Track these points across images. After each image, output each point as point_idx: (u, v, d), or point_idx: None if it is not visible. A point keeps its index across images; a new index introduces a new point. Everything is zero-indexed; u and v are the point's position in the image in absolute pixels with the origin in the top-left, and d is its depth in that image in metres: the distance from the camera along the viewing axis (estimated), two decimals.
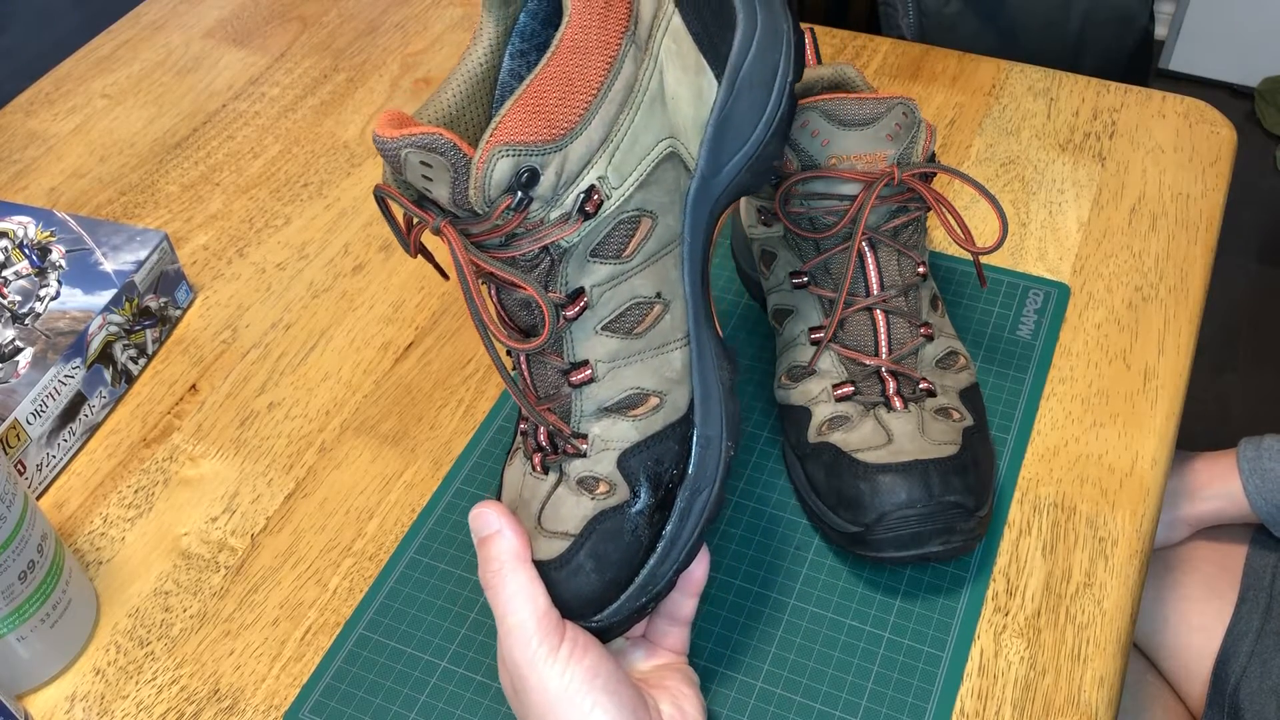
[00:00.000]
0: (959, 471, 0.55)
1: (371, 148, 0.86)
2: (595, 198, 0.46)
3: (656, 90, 0.48)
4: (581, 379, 0.48)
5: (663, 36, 0.48)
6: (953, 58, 0.90)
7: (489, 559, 0.48)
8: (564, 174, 0.45)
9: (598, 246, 0.47)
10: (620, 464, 0.49)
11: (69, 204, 0.83)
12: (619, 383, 0.49)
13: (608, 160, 0.46)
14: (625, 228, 0.47)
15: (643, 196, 0.48)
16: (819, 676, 0.55)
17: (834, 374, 0.59)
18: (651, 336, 0.49)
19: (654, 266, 0.49)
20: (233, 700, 0.57)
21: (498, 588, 0.47)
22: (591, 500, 0.49)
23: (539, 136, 0.44)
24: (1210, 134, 0.82)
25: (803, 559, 0.60)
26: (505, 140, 0.43)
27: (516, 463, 0.52)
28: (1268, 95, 2.12)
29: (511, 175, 0.44)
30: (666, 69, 0.48)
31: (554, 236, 0.46)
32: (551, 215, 0.46)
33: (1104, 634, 0.56)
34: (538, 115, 0.44)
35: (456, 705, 0.56)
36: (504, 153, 0.43)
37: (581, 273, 0.47)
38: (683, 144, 0.49)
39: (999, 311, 0.70)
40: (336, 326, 0.74)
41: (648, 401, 0.49)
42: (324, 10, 1.00)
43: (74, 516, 0.65)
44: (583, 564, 0.48)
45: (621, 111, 0.47)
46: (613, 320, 0.48)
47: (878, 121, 0.58)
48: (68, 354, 0.66)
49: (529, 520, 0.50)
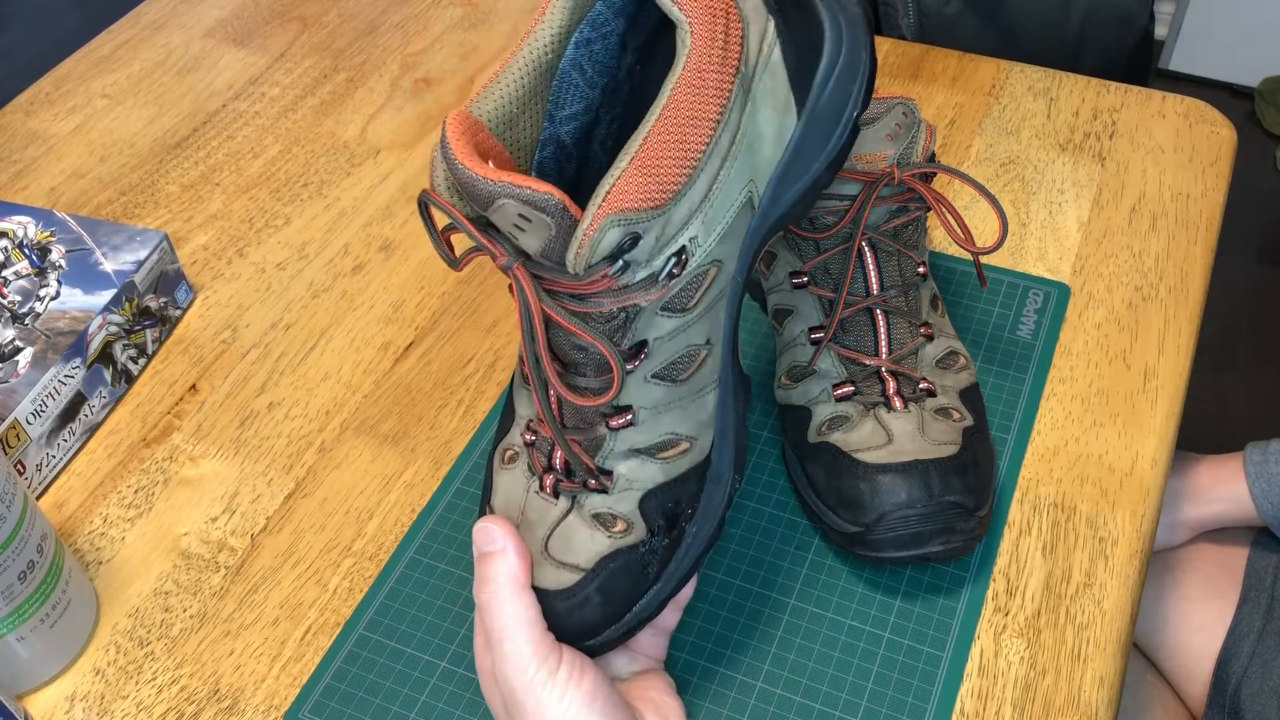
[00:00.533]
0: (959, 471, 0.55)
1: (371, 147, 0.86)
2: (684, 258, 0.44)
3: (751, 134, 0.45)
4: (621, 424, 0.47)
5: (763, 73, 0.45)
6: (953, 58, 0.90)
7: (488, 578, 0.47)
8: (663, 237, 0.43)
9: (670, 301, 0.45)
10: (641, 504, 0.48)
11: (69, 204, 0.83)
12: (657, 428, 0.47)
13: (702, 218, 0.43)
14: (697, 280, 0.45)
15: (720, 249, 0.45)
16: (819, 676, 0.55)
17: (834, 374, 0.59)
18: (694, 382, 0.47)
19: (710, 314, 0.47)
20: (233, 700, 0.57)
21: (495, 610, 0.47)
22: (607, 538, 0.48)
23: (650, 202, 0.41)
24: (1210, 134, 0.82)
25: (803, 559, 0.60)
26: (619, 208, 0.40)
27: (518, 472, 0.50)
28: (1268, 95, 2.12)
29: (618, 244, 0.41)
30: (760, 109, 0.45)
31: (637, 299, 0.43)
32: (638, 277, 0.43)
33: (1104, 634, 0.56)
34: (650, 179, 0.41)
35: (456, 705, 0.56)
36: (615, 221, 0.40)
37: (650, 326, 0.45)
38: (757, 186, 0.46)
39: (999, 311, 0.70)
40: (336, 326, 0.74)
41: (679, 445, 0.48)
42: (324, 10, 1.00)
43: (74, 516, 0.65)
44: (590, 598, 0.48)
45: (723, 166, 0.43)
46: (664, 369, 0.47)
47: (878, 121, 0.58)
48: (68, 354, 0.66)
49: (534, 544, 0.49)
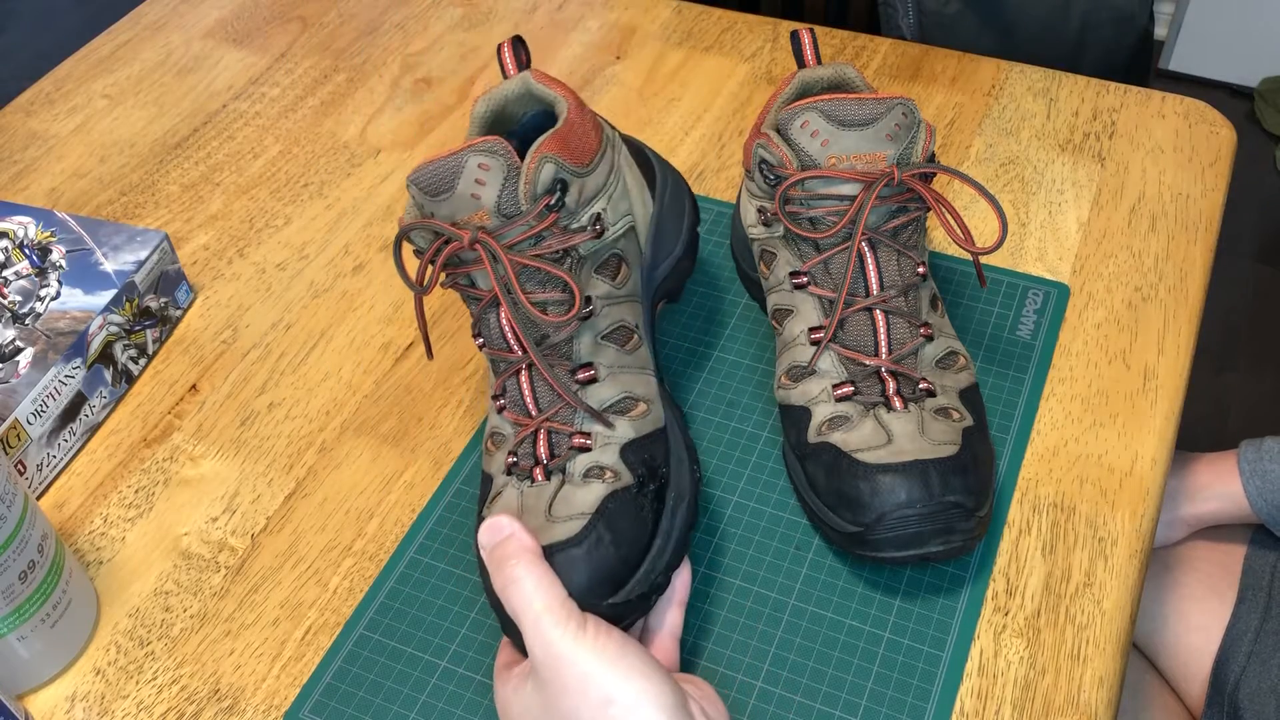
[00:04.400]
0: (959, 471, 0.55)
1: (371, 147, 0.86)
2: (599, 225, 0.57)
3: (624, 181, 0.61)
4: (587, 377, 0.56)
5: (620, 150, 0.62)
6: (953, 58, 0.90)
7: (505, 558, 0.49)
8: (583, 196, 0.57)
9: (601, 265, 0.58)
10: (623, 455, 0.55)
11: (69, 204, 0.83)
12: (618, 384, 0.57)
13: (606, 200, 0.58)
14: (616, 260, 0.59)
15: (623, 245, 0.60)
16: (819, 676, 0.56)
17: (834, 374, 0.59)
18: (636, 356, 0.58)
19: (631, 303, 0.59)
20: (233, 700, 0.57)
21: (518, 582, 0.48)
22: (602, 484, 0.53)
23: (569, 159, 0.56)
24: (1210, 134, 0.82)
25: (803, 559, 0.60)
26: (549, 151, 0.55)
27: (508, 494, 0.55)
28: (1268, 95, 2.12)
29: (553, 179, 0.54)
30: (626, 172, 0.61)
31: (575, 240, 0.56)
32: (573, 225, 0.56)
33: (1104, 634, 0.57)
34: (567, 145, 0.56)
35: (456, 705, 0.56)
36: (549, 159, 0.54)
37: (590, 283, 0.57)
38: (638, 227, 0.61)
39: (999, 311, 0.71)
40: (337, 326, 0.74)
41: (639, 406, 0.57)
42: (324, 10, 1.00)
43: (74, 516, 0.65)
44: (602, 535, 0.52)
45: (611, 176, 0.59)
46: (609, 333, 0.58)
47: (877, 122, 0.58)
48: (68, 354, 0.66)
49: (537, 518, 0.53)
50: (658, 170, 0.66)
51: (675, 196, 0.66)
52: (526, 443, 0.56)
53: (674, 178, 0.67)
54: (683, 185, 0.68)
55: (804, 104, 0.59)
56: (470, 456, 0.66)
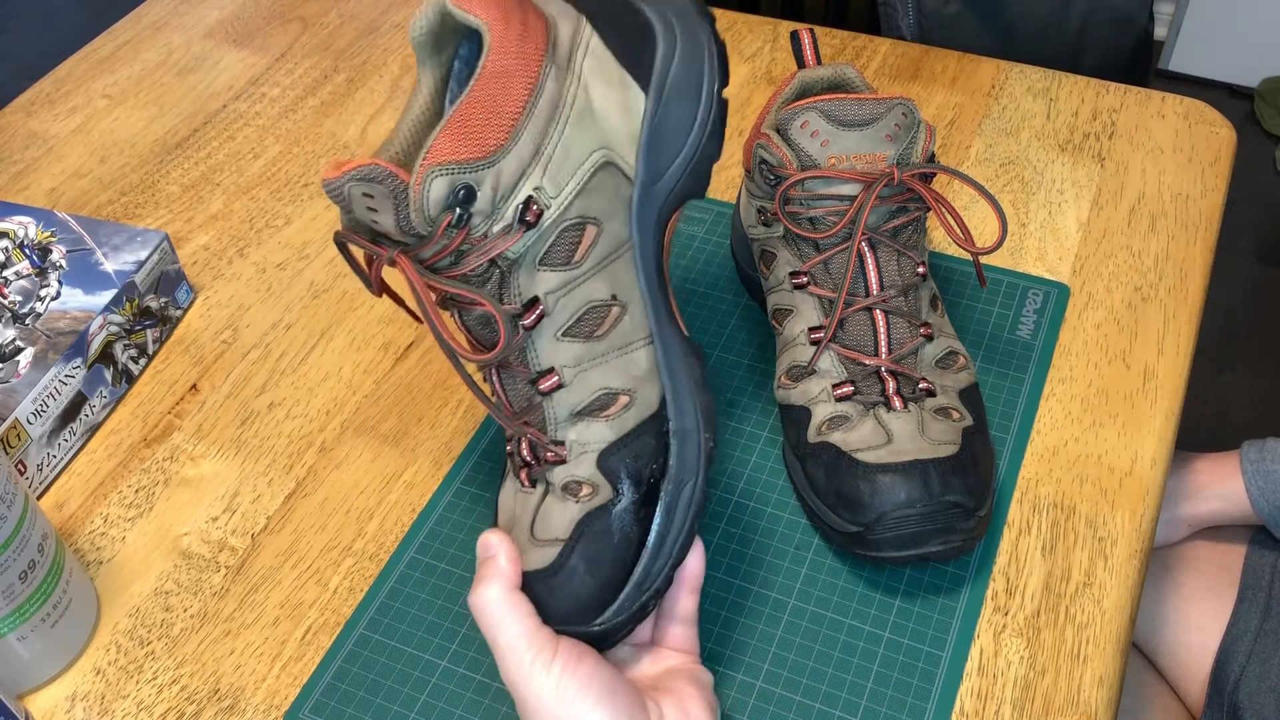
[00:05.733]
0: (959, 471, 0.55)
1: (371, 147, 0.86)
2: (534, 208, 0.49)
3: (584, 105, 0.50)
4: (550, 385, 0.50)
5: (583, 56, 0.51)
6: (952, 58, 0.90)
7: (482, 579, 0.48)
8: (500, 188, 0.48)
9: (545, 255, 0.50)
10: (600, 464, 0.50)
11: (69, 204, 0.83)
12: (587, 385, 0.51)
13: (541, 172, 0.49)
14: (571, 234, 0.50)
15: (583, 204, 0.50)
16: (819, 676, 0.56)
17: (834, 374, 0.59)
18: (613, 338, 0.51)
19: (606, 271, 0.51)
20: (233, 700, 0.57)
21: (486, 610, 0.47)
22: (576, 504, 0.50)
23: (470, 155, 0.47)
24: (1210, 134, 0.82)
25: (803, 559, 0.60)
26: (437, 161, 0.46)
27: (508, 484, 0.54)
28: (1268, 95, 2.12)
29: (448, 193, 0.47)
30: (591, 85, 0.51)
31: (499, 248, 0.48)
32: (494, 229, 0.48)
33: (1104, 634, 0.57)
34: (466, 137, 0.47)
35: (456, 705, 0.56)
36: (437, 173, 0.46)
37: (533, 282, 0.49)
38: (618, 154, 0.51)
39: (999, 311, 0.71)
40: (337, 326, 0.74)
41: (618, 401, 0.51)
42: (324, 10, 1.00)
43: (74, 516, 0.65)
44: (575, 567, 0.49)
45: (550, 126, 0.49)
46: (571, 325, 0.50)
47: (877, 122, 0.58)
48: (68, 354, 0.66)
49: (522, 535, 0.51)
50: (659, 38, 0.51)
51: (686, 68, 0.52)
52: (515, 440, 0.53)
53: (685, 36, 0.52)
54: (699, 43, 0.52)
55: (804, 104, 0.59)
56: (470, 456, 0.66)
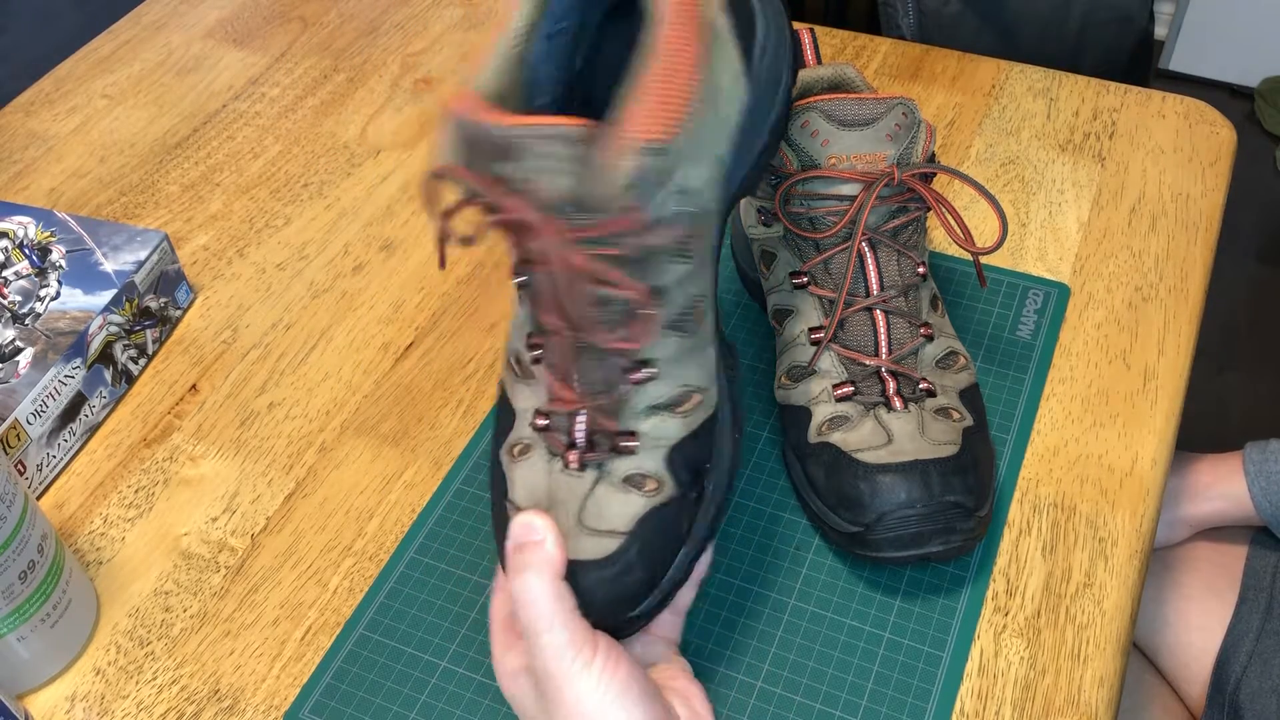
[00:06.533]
0: (959, 471, 0.55)
1: (371, 147, 0.86)
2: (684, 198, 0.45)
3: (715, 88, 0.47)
4: (643, 377, 0.48)
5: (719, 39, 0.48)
6: (953, 58, 0.90)
7: (524, 565, 0.46)
8: (672, 175, 0.44)
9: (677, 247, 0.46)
10: (668, 460, 0.49)
11: (69, 204, 0.83)
12: (676, 380, 0.48)
13: (694, 161, 0.45)
14: (696, 228, 0.47)
15: (709, 196, 0.47)
16: (819, 676, 0.56)
17: (834, 374, 0.59)
18: (701, 333, 0.49)
19: (704, 267, 0.49)
20: (233, 700, 0.57)
21: (531, 600, 0.46)
22: (642, 498, 0.48)
23: (661, 134, 0.42)
24: (1210, 134, 0.82)
25: (803, 559, 0.60)
26: (637, 135, 0.42)
27: (535, 460, 0.50)
28: (1268, 95, 2.12)
29: (637, 173, 0.42)
30: (724, 69, 0.48)
31: (655, 240, 0.44)
32: (655, 217, 0.44)
33: (1104, 634, 0.56)
34: (662, 112, 0.43)
35: (456, 705, 0.56)
36: (638, 149, 0.42)
37: (661, 272, 0.46)
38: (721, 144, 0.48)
39: (999, 311, 0.71)
40: (336, 326, 0.74)
41: (693, 399, 0.49)
42: (324, 10, 1.00)
43: (74, 516, 0.65)
44: (634, 562, 0.48)
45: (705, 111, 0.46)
46: (677, 319, 0.48)
47: (877, 121, 0.58)
48: (68, 354, 0.66)
49: (567, 520, 0.48)
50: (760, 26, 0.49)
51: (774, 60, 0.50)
52: (563, 417, 0.48)
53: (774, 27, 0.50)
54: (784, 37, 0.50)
55: (804, 104, 0.59)
56: (470, 456, 0.66)
